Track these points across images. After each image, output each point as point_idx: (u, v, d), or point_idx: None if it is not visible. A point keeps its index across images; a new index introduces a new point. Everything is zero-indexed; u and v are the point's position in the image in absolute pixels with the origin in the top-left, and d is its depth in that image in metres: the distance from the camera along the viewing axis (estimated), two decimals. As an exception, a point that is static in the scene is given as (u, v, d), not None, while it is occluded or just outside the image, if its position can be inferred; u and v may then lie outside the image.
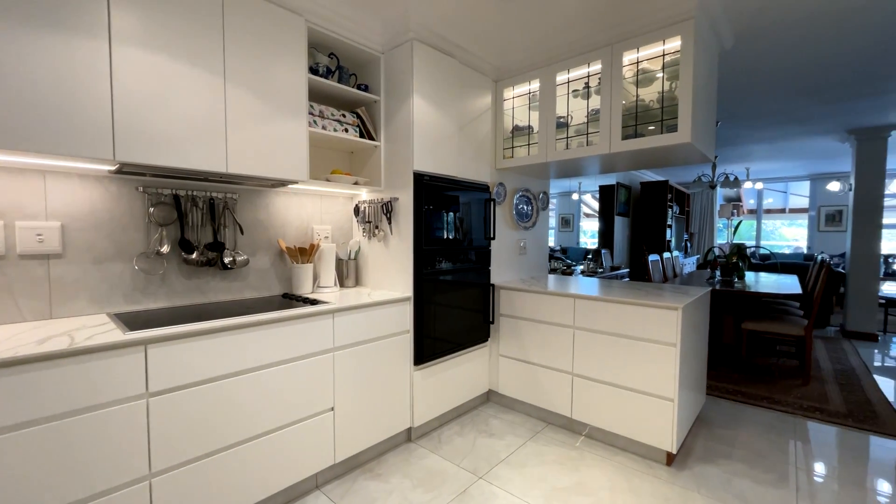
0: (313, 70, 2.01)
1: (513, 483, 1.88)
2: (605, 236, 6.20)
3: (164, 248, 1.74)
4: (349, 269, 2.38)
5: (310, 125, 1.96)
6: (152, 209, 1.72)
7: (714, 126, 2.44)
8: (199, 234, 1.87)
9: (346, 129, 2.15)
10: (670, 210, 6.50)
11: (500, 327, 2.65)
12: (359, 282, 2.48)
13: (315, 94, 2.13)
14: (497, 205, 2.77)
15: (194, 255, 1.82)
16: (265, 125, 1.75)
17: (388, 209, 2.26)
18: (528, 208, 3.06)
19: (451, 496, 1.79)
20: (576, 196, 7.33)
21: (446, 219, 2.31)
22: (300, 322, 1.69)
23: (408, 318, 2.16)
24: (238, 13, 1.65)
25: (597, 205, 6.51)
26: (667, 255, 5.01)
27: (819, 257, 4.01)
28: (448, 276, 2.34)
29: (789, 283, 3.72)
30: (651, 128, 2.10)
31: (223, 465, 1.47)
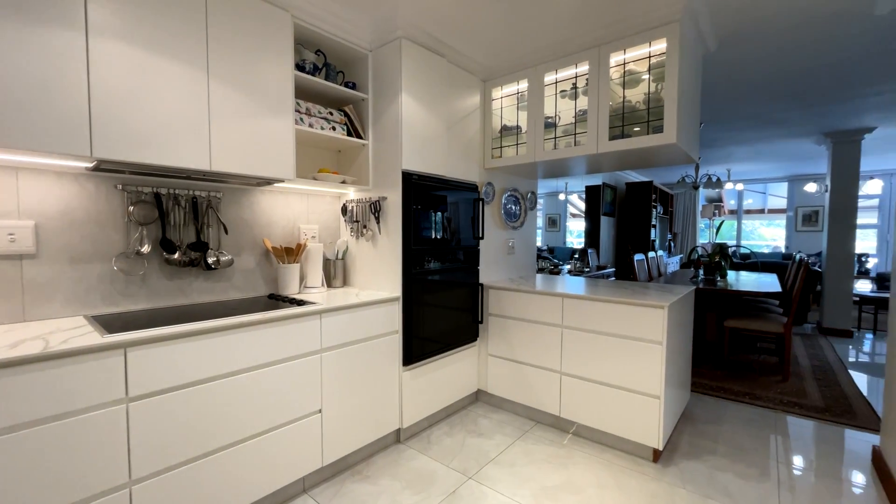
0: (300, 67, 1.98)
1: (502, 482, 1.89)
2: (592, 236, 6.27)
3: (145, 248, 1.69)
4: (337, 270, 2.35)
5: (296, 123, 1.93)
6: (132, 208, 1.67)
7: (698, 127, 2.48)
8: (182, 233, 1.82)
9: (333, 128, 2.12)
10: (655, 210, 6.61)
11: (489, 327, 2.66)
12: (347, 282, 2.45)
13: (302, 92, 2.09)
14: (486, 204, 2.77)
15: (176, 256, 1.77)
16: (250, 122, 1.71)
17: (376, 208, 2.24)
18: (517, 208, 3.07)
19: (441, 497, 1.78)
20: (562, 196, 7.40)
21: (435, 218, 2.30)
22: (286, 323, 1.65)
23: (396, 318, 2.15)
24: (222, 7, 1.60)
25: (583, 205, 6.58)
26: (651, 254, 5.10)
27: (798, 256, 4.12)
28: (437, 276, 2.33)
29: (769, 282, 3.82)
30: (637, 129, 2.12)
31: (207, 471, 1.43)
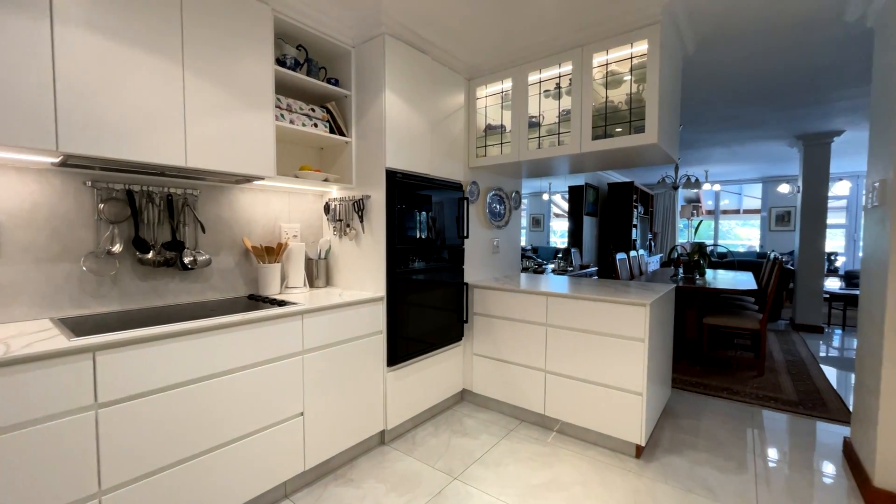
0: (280, 62, 1.94)
1: (487, 482, 1.88)
2: (575, 236, 6.35)
3: (117, 248, 1.62)
4: (319, 269, 2.31)
5: (277, 119, 1.88)
6: (102, 205, 1.60)
7: (678, 128, 2.53)
8: (156, 232, 1.76)
9: (315, 124, 2.08)
10: (636, 210, 6.73)
11: (474, 326, 2.65)
12: (330, 282, 2.41)
13: (282, 87, 2.04)
14: (470, 203, 2.77)
15: (150, 255, 1.70)
16: (228, 117, 1.66)
17: (359, 207, 2.21)
18: (501, 207, 3.07)
19: (426, 498, 1.76)
20: (546, 196, 7.46)
21: (419, 217, 2.28)
22: (266, 324, 1.61)
23: (380, 318, 2.12)
24: (198, -2, 1.55)
25: (566, 205, 6.65)
26: (633, 253, 5.19)
27: (772, 255, 4.25)
28: (422, 276, 2.31)
29: (745, 280, 3.93)
30: (619, 129, 2.15)
31: (183, 478, 1.38)
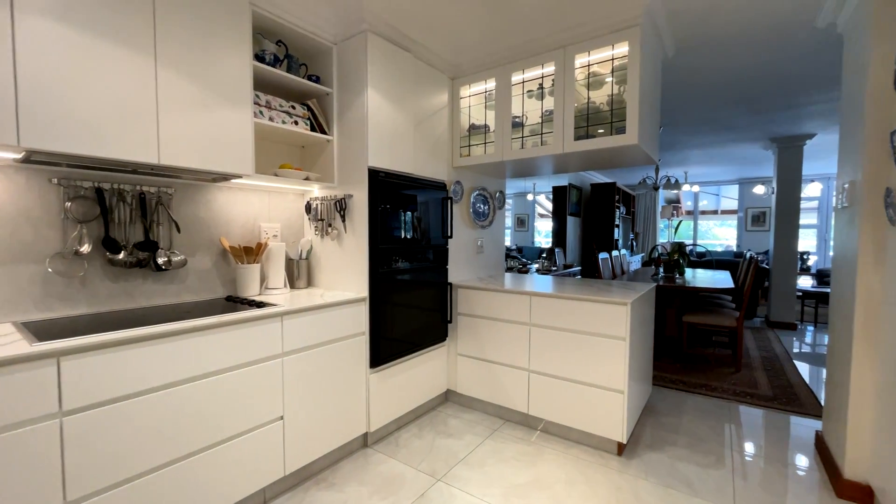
0: (259, 57, 1.89)
1: (472, 483, 1.87)
2: (559, 235, 6.41)
3: (85, 248, 1.55)
4: (300, 270, 2.26)
5: (255, 116, 1.84)
6: (69, 204, 1.53)
7: (658, 129, 2.57)
8: (128, 231, 1.69)
9: (295, 122, 2.04)
10: (618, 210, 6.84)
11: (459, 326, 2.64)
12: (311, 282, 2.36)
13: (261, 84, 2.00)
14: (454, 203, 2.76)
15: (121, 256, 1.64)
16: (204, 114, 1.61)
17: (341, 206, 2.18)
18: (485, 207, 3.08)
19: (409, 501, 1.74)
20: (530, 197, 7.51)
21: (403, 217, 2.26)
22: (244, 326, 1.57)
23: (363, 319, 2.09)
24: (171, -11, 1.50)
25: (550, 205, 6.71)
26: (615, 253, 5.26)
27: (748, 255, 4.37)
28: (405, 276, 2.29)
29: (723, 279, 4.03)
30: (601, 130, 2.17)
31: (154, 488, 1.33)
